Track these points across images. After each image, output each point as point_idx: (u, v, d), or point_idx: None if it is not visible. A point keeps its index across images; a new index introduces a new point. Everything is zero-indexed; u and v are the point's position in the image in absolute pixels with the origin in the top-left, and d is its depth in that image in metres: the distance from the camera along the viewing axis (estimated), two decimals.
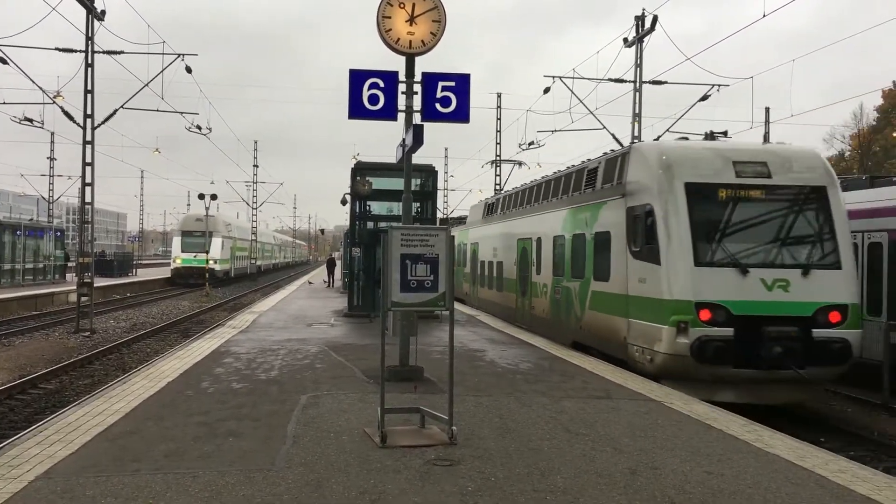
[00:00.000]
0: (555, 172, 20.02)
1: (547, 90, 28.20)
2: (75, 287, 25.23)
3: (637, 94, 26.33)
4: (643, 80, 26.36)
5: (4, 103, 28.93)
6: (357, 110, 10.71)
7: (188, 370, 11.70)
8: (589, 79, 27.15)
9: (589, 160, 16.94)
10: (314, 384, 10.59)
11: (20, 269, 36.17)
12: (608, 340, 14.43)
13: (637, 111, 26.35)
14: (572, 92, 27.13)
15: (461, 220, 33.52)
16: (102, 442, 7.34)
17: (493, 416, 8.80)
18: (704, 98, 26.23)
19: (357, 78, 10.69)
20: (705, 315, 12.06)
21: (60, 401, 13.20)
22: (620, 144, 24.33)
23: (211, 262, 48.12)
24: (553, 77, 27.50)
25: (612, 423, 8.58)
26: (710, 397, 11.39)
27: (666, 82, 27.00)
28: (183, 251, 51.39)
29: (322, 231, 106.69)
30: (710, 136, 15.08)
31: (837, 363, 12.26)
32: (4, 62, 22.50)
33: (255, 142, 66.38)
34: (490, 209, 26.84)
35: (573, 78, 27.02)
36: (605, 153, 16.54)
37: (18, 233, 36.54)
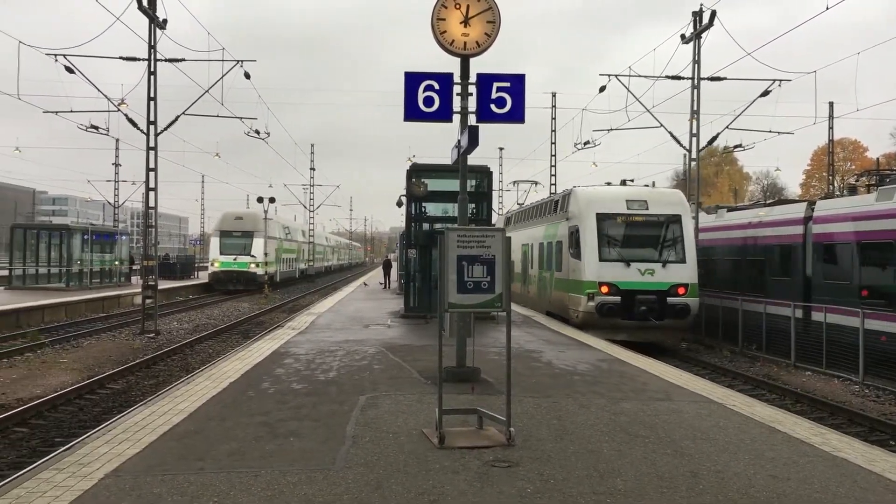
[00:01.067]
0: (541, 199, 30.27)
1: (603, 89, 27.93)
2: (140, 290, 25.91)
3: (695, 91, 25.89)
4: (701, 76, 25.91)
5: (72, 111, 29.87)
6: (413, 112, 10.76)
7: (249, 371, 11.91)
8: (645, 76, 26.84)
9: (554, 194, 29.01)
10: (372, 385, 10.68)
11: (87, 273, 37.30)
12: (561, 307, 22.88)
13: (695, 108, 25.91)
14: (628, 90, 26.91)
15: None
16: (168, 441, 7.52)
17: (550, 417, 8.75)
18: (765, 94, 25.66)
19: (412, 80, 10.75)
20: (604, 289, 20.51)
21: (127, 400, 13.57)
22: (678, 142, 27.59)
23: (252, 264, 45.42)
24: (609, 75, 27.29)
25: (672, 425, 8.45)
26: (610, 337, 18.52)
27: (725, 78, 26.48)
28: (222, 253, 46.21)
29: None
30: (623, 182, 25.29)
31: (682, 318, 20.64)
32: (72, 72, 23.26)
33: (312, 145, 67.33)
34: (508, 220, 35.26)
35: (629, 76, 26.75)
36: (562, 191, 26.68)
37: (86, 237, 37.70)
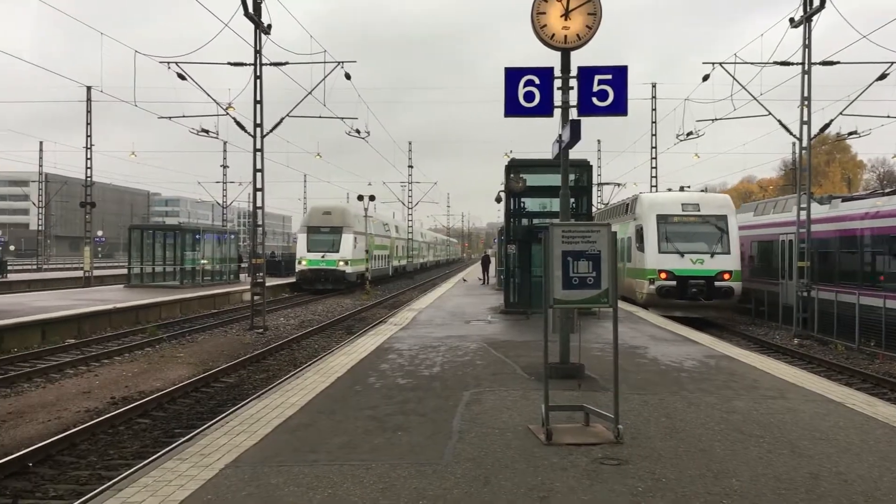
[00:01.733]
0: (617, 202, 37.31)
1: (706, 77, 27.12)
2: (249, 287, 26.84)
3: (805, 76, 24.79)
4: (812, 61, 24.79)
5: (184, 116, 31.20)
6: (513, 108, 10.75)
7: (355, 366, 12.17)
8: (752, 63, 25.87)
9: (625, 200, 33.58)
10: (475, 380, 10.73)
11: (200, 271, 38.91)
12: (630, 291, 27.88)
13: (806, 95, 24.82)
14: (734, 78, 25.98)
15: None
16: (282, 433, 7.77)
17: (659, 415, 8.58)
18: (882, 77, 24.36)
19: (512, 76, 10.73)
20: (663, 275, 25.51)
21: (240, 394, 14.09)
22: (788, 131, 26.84)
23: (340, 262, 43.00)
24: (713, 63, 26.46)
25: (788, 425, 8.15)
26: (668, 313, 23.31)
27: (838, 62, 25.27)
28: (309, 250, 43.59)
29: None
30: (681, 188, 31.47)
31: (728, 298, 25.41)
32: (183, 78, 24.30)
33: (410, 143, 68.13)
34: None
35: (735, 63, 25.88)
36: (630, 196, 32.46)
37: (197, 236, 39.33)
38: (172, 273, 37.66)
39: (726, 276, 25.20)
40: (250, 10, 22.83)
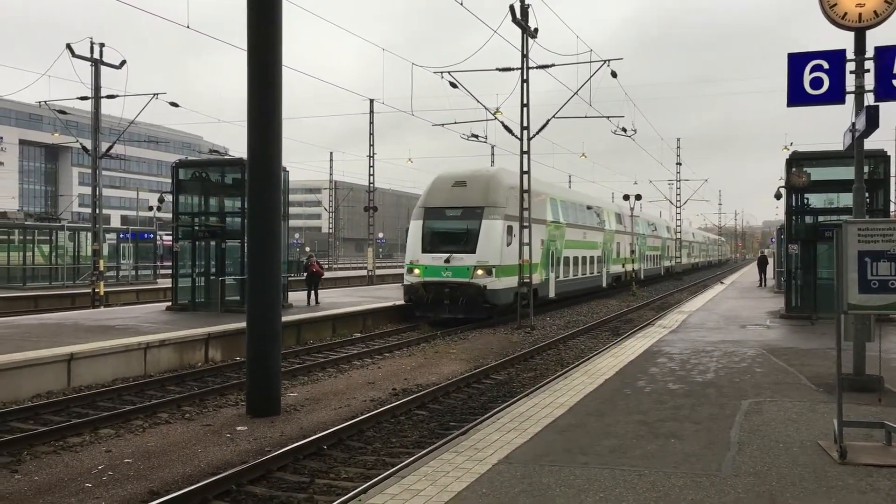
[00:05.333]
0: None
1: None
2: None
3: None
4: None
5: (455, 123, 32.63)
6: (797, 97, 9.94)
7: (623, 369, 11.96)
8: None
9: None
10: (754, 389, 10.07)
11: None
12: None
13: None
14: None
15: None
16: (551, 433, 7.83)
17: None
18: None
19: (797, 62, 9.92)
20: None
21: (509, 391, 14.43)
22: None
23: (479, 270, 23.96)
24: None
25: None
26: None
27: None
28: (425, 251, 24.90)
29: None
30: None
31: None
32: (455, 86, 25.42)
33: (678, 139, 65.71)
34: None
35: None
36: None
37: None
38: None
39: None
40: (518, 15, 23.34)
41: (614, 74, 26.14)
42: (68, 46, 27.21)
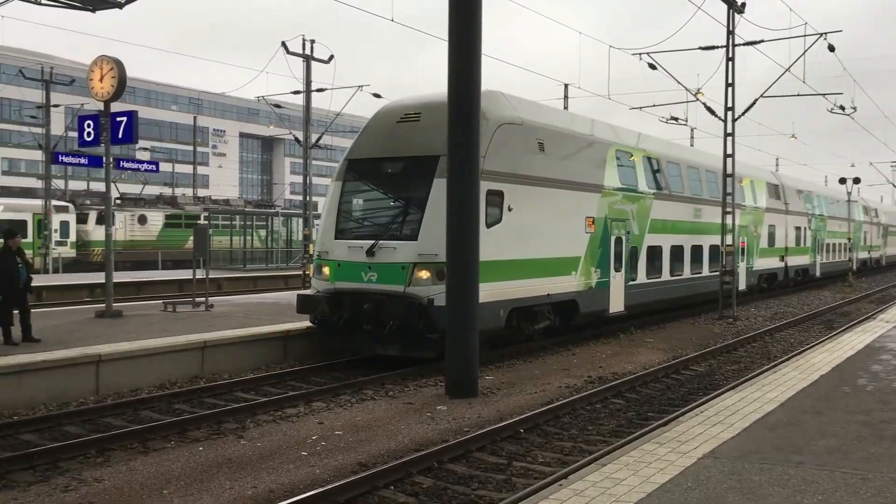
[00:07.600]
0: None
1: None
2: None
3: None
4: None
5: (654, 105, 31.67)
6: None
7: (840, 365, 11.14)
8: None
9: None
10: None
11: None
12: None
13: None
14: None
15: None
16: (761, 429, 7.45)
17: None
18: None
19: None
20: None
21: (711, 383, 13.85)
22: None
23: (423, 272, 13.18)
24: None
25: None
26: None
27: None
28: (339, 235, 14.29)
29: None
30: None
31: None
32: (654, 68, 24.64)
33: None
34: None
35: None
36: None
37: None
38: None
39: None
40: None
41: (832, 48, 24.18)
42: (283, 44, 29.20)
